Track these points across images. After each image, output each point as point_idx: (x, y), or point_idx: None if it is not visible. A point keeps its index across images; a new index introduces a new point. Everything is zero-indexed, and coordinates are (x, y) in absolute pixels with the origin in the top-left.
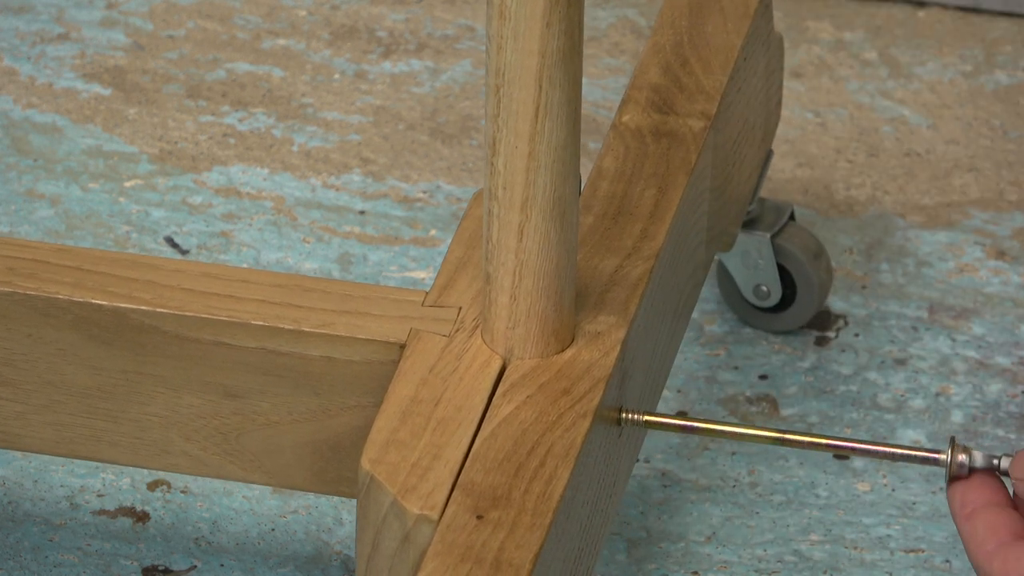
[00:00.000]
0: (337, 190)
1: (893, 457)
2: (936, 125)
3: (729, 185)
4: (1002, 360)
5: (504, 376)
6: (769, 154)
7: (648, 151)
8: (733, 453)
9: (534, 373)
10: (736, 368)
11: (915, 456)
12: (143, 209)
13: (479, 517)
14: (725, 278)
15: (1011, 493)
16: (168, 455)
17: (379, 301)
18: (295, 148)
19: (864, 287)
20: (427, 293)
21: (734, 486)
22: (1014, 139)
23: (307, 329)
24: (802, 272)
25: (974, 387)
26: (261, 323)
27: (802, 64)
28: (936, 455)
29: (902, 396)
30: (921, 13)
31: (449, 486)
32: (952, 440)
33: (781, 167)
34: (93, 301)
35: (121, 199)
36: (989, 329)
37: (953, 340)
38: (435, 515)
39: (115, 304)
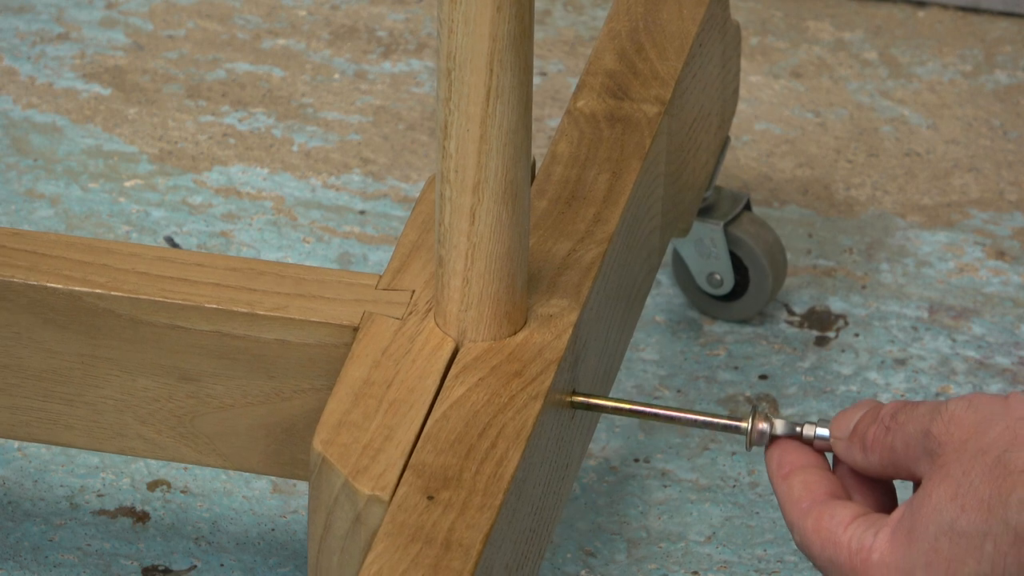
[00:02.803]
0: (337, 190)
1: (696, 424)
2: (936, 125)
3: (684, 171)
4: (1002, 360)
5: (456, 358)
6: (726, 141)
7: (602, 136)
8: (733, 453)
9: (486, 355)
10: (736, 368)
11: (717, 424)
12: (143, 209)
13: (430, 498)
14: (680, 266)
15: (828, 460)
16: (123, 438)
17: (333, 284)
18: (295, 148)
19: (864, 287)
20: (380, 276)
21: (734, 486)
22: (1014, 139)
23: (261, 312)
24: (749, 253)
25: (974, 387)
26: (215, 306)
27: (802, 64)
28: (738, 423)
29: (902, 396)
30: (921, 13)
31: (400, 467)
32: (753, 408)
33: (781, 167)
34: (48, 284)
35: (121, 199)
36: (989, 329)
37: (953, 340)
38: (386, 496)
39: (70, 288)
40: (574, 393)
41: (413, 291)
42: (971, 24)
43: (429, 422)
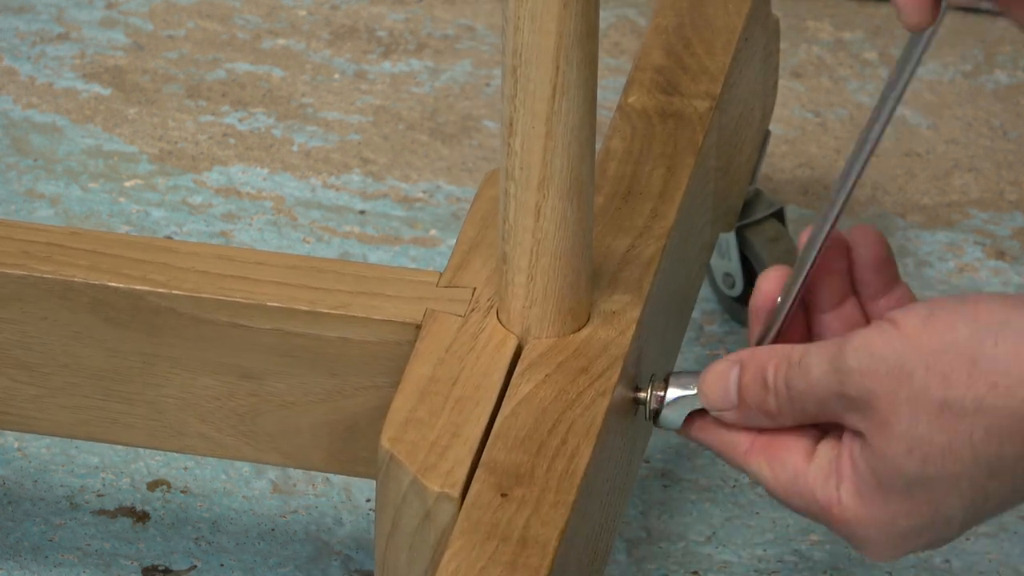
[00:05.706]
0: (337, 190)
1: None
2: (936, 125)
3: (732, 165)
4: None
5: (522, 355)
6: (767, 135)
7: (655, 132)
8: None
9: (552, 352)
10: None
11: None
12: (143, 209)
13: (503, 495)
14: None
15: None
16: (184, 437)
17: (394, 282)
18: (295, 148)
19: None
20: (441, 274)
21: (734, 486)
22: (1014, 139)
23: (323, 310)
24: (759, 261)
25: None
26: (277, 304)
27: (802, 64)
28: (637, 394)
29: None
30: None
31: (468, 464)
32: (651, 377)
33: (781, 167)
34: (108, 284)
35: (121, 199)
36: None
37: None
38: (455, 493)
39: (131, 286)
40: (637, 388)
41: (474, 288)
42: (971, 24)
43: (498, 419)
